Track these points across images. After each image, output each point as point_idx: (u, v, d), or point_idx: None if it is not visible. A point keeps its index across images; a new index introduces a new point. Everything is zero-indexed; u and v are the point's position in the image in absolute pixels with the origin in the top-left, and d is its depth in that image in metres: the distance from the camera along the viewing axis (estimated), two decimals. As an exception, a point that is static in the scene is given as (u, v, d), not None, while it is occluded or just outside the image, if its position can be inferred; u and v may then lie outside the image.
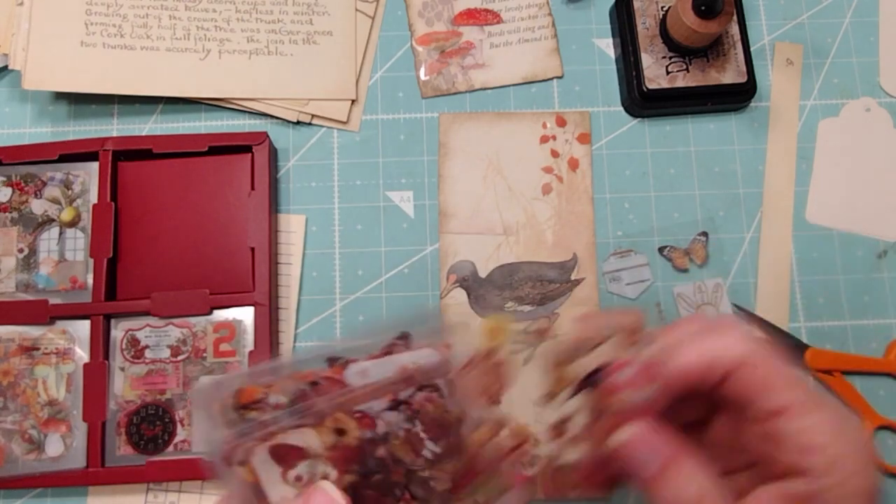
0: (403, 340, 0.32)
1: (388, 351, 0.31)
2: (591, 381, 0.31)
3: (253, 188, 0.53)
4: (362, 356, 0.31)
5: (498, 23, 0.58)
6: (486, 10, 0.58)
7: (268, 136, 0.54)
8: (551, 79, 0.58)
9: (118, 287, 0.52)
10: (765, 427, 0.29)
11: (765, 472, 0.30)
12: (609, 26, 0.59)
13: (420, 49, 0.58)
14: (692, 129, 0.57)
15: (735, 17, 0.55)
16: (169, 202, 0.54)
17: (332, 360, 0.31)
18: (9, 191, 0.53)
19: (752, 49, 0.56)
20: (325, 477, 0.29)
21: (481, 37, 0.58)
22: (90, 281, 0.52)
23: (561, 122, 0.57)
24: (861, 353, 0.53)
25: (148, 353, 0.51)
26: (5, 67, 0.56)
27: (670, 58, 0.55)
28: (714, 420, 0.33)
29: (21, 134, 0.56)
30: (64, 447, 0.50)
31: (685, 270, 0.55)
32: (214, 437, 0.29)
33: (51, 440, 0.50)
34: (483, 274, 0.54)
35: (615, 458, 0.30)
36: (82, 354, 0.51)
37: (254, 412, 0.29)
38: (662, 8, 0.56)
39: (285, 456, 0.29)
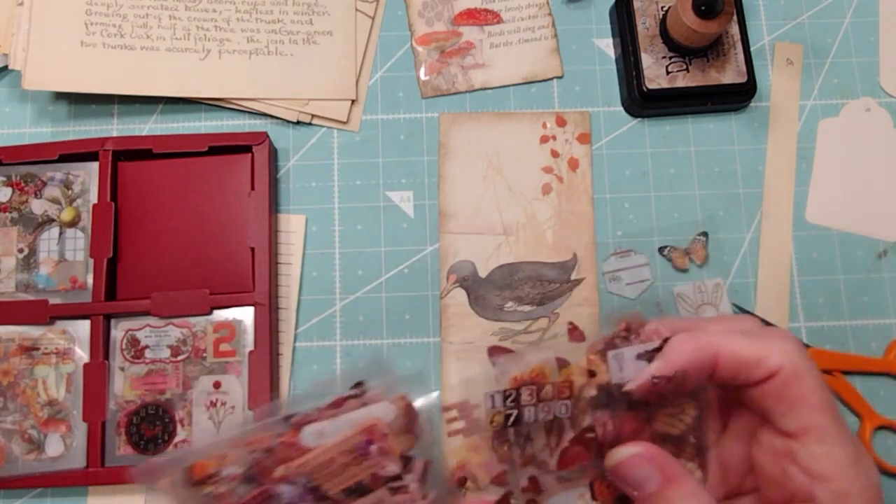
0: (358, 390, 0.30)
1: (342, 402, 0.30)
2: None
3: (253, 188, 0.53)
4: (314, 412, 0.30)
5: (498, 23, 0.58)
6: (486, 10, 0.58)
7: (268, 136, 0.54)
8: (551, 79, 0.58)
9: (118, 287, 0.52)
10: (782, 443, 0.29)
11: (766, 499, 0.30)
12: (609, 26, 0.59)
13: (420, 49, 0.58)
14: (692, 129, 0.57)
15: (735, 17, 0.55)
16: (169, 202, 0.54)
17: (287, 419, 0.30)
18: (9, 191, 0.53)
19: (752, 49, 0.56)
20: None
21: (481, 37, 0.58)
22: (90, 281, 0.52)
23: (561, 122, 0.57)
24: (861, 353, 0.53)
25: (148, 353, 0.51)
26: (5, 67, 0.56)
27: (670, 58, 0.55)
28: (725, 439, 0.33)
29: (21, 134, 0.56)
30: (64, 447, 0.50)
31: (685, 270, 0.55)
32: None
33: (51, 440, 0.50)
34: (483, 274, 0.54)
35: (614, 474, 0.31)
36: (82, 354, 0.51)
37: (209, 486, 0.28)
38: (662, 8, 0.56)
39: None
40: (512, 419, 0.30)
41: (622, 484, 0.30)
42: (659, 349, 0.31)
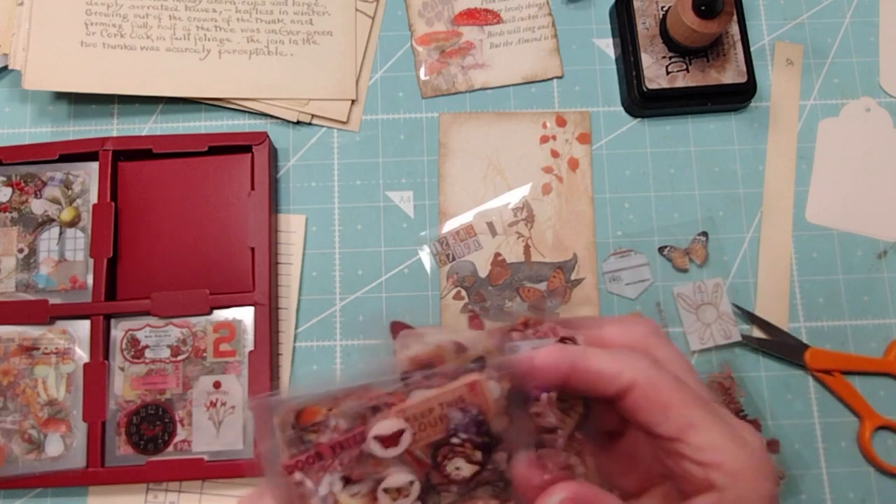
0: (477, 365, 0.31)
1: (458, 374, 0.31)
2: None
3: (253, 188, 0.53)
4: (430, 378, 0.30)
5: (498, 23, 0.58)
6: (486, 10, 0.58)
7: (268, 136, 0.54)
8: (551, 79, 0.58)
9: (118, 287, 0.52)
10: (668, 447, 0.30)
11: (678, 490, 0.31)
12: (609, 26, 0.59)
13: (420, 49, 0.58)
14: (692, 129, 0.57)
15: (735, 17, 0.55)
16: (169, 202, 0.54)
17: (403, 378, 0.30)
18: (9, 191, 0.53)
19: (752, 49, 0.56)
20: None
21: (481, 37, 0.58)
22: (90, 281, 0.52)
23: (561, 122, 0.57)
24: (861, 353, 0.53)
25: (148, 353, 0.51)
26: (5, 67, 0.56)
27: (670, 58, 0.55)
28: (630, 429, 0.33)
29: (21, 134, 0.56)
30: (64, 447, 0.50)
31: (685, 270, 0.55)
32: (274, 456, 0.29)
33: (51, 440, 0.50)
34: (483, 274, 0.54)
35: None
36: (82, 354, 0.51)
37: (313, 434, 0.29)
38: (662, 8, 0.56)
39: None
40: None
41: None
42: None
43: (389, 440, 0.29)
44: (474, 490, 0.30)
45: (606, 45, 0.59)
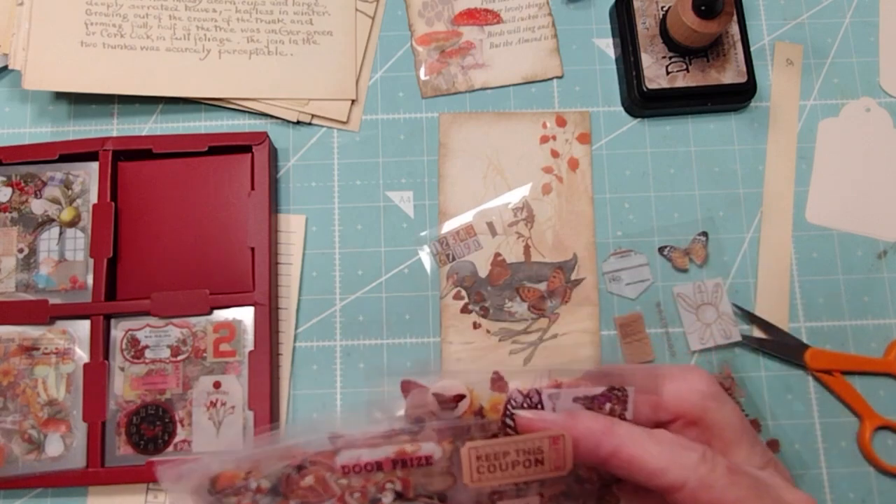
0: (416, 426, 0.30)
1: (394, 435, 0.29)
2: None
3: (253, 188, 0.53)
4: (361, 438, 0.29)
5: (498, 23, 0.58)
6: (486, 10, 0.58)
7: (268, 136, 0.54)
8: (551, 79, 0.58)
9: (118, 287, 0.52)
10: None
11: None
12: (609, 26, 0.59)
13: (420, 49, 0.58)
14: (692, 129, 0.57)
15: (735, 17, 0.55)
16: (169, 202, 0.54)
17: (332, 438, 0.29)
18: (9, 191, 0.53)
19: (752, 49, 0.56)
20: None
21: (481, 37, 0.58)
22: (90, 281, 0.52)
23: (561, 122, 0.57)
24: (861, 353, 0.53)
25: (148, 353, 0.51)
26: (5, 67, 0.56)
27: (670, 58, 0.55)
28: None
29: (21, 134, 0.56)
30: (64, 447, 0.50)
31: (685, 270, 0.55)
32: None
33: (51, 440, 0.50)
34: (483, 274, 0.54)
35: None
36: (82, 354, 0.51)
37: (233, 497, 0.28)
38: (662, 8, 0.56)
39: None
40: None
41: None
42: (605, 396, 0.30)
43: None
44: None
45: (606, 45, 0.59)
